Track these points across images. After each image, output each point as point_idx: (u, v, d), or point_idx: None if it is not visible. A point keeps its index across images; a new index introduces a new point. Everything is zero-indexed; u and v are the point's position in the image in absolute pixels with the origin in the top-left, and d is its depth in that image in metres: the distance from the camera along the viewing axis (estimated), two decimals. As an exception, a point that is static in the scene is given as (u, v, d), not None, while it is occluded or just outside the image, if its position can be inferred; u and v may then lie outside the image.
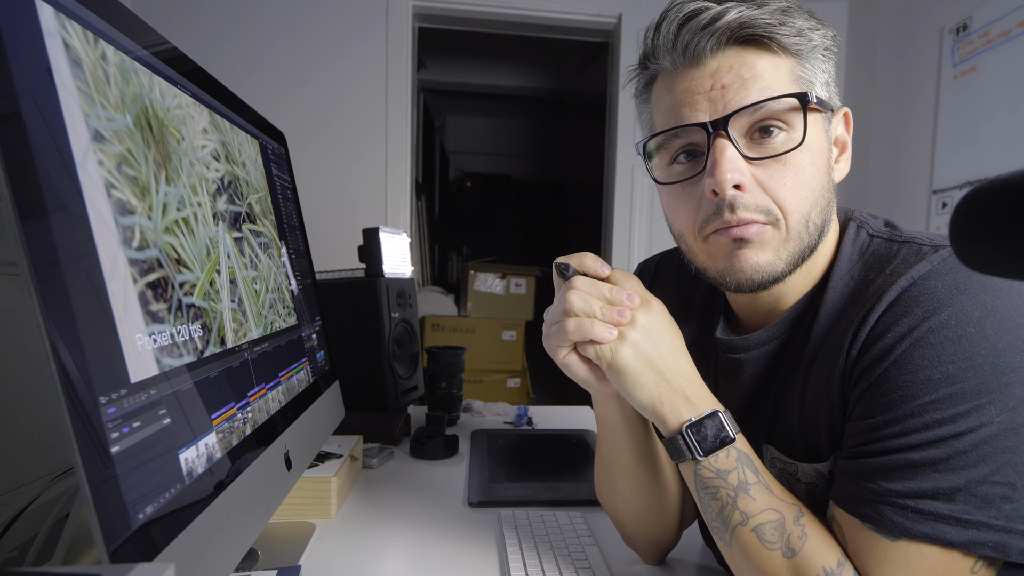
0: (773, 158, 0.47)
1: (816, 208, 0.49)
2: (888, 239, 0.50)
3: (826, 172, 0.50)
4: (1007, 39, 1.76)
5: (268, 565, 0.65)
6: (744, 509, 0.47)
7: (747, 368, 0.56)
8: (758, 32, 0.47)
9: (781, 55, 0.48)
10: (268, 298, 0.65)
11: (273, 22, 2.30)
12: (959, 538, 0.41)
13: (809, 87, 0.48)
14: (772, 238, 0.48)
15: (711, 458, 0.48)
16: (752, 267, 0.49)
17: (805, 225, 0.48)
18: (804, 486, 0.53)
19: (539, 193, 5.68)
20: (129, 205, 0.39)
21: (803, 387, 0.52)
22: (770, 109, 0.47)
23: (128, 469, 0.33)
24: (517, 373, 2.97)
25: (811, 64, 0.49)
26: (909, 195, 2.18)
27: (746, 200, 0.47)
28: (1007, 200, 0.20)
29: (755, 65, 0.47)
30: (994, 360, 0.41)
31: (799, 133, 0.47)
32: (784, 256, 0.49)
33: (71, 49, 0.36)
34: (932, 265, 0.44)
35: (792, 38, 0.47)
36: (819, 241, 0.51)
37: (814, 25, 0.49)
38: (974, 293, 0.42)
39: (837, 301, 0.50)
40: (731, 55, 0.47)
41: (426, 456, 1.05)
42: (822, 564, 0.45)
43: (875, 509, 0.44)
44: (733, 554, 0.49)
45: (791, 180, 0.47)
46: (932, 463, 0.42)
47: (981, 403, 0.41)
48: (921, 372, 0.42)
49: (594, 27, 2.55)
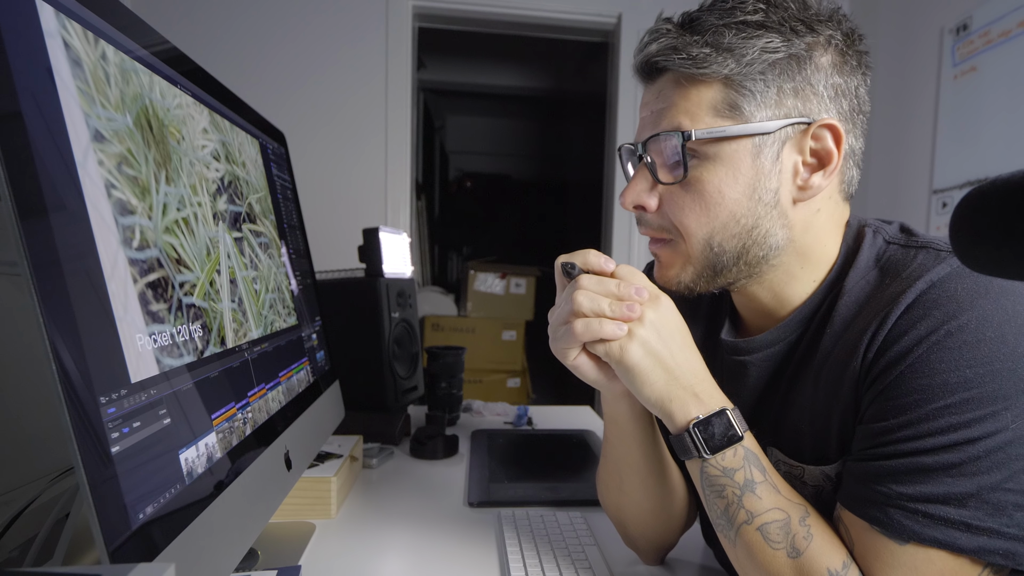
0: (678, 184, 0.50)
1: (722, 232, 0.50)
2: (905, 245, 0.50)
3: (746, 195, 0.49)
4: (1007, 39, 1.76)
5: (268, 565, 0.65)
6: (750, 508, 0.47)
7: (752, 370, 0.56)
8: (659, 65, 0.48)
9: (701, 85, 0.47)
10: (268, 298, 0.65)
11: (273, 22, 2.30)
12: (969, 544, 0.41)
13: (730, 112, 0.47)
14: (674, 257, 0.53)
15: (718, 456, 0.48)
16: (663, 279, 0.54)
17: (707, 246, 0.51)
18: (811, 489, 0.53)
19: (539, 193, 5.68)
20: (129, 205, 0.39)
21: (814, 389, 0.51)
22: (658, 144, 0.50)
23: (128, 469, 0.33)
24: (517, 373, 2.97)
25: (748, 86, 0.47)
26: (909, 195, 2.18)
27: (649, 219, 0.53)
28: (1007, 200, 0.20)
29: (672, 96, 0.49)
30: (1012, 366, 0.40)
31: (699, 162, 0.49)
32: (689, 272, 0.52)
33: (71, 49, 0.36)
34: (952, 268, 0.44)
35: (706, 67, 0.46)
36: (735, 259, 0.51)
37: (767, 42, 0.46)
38: (995, 297, 0.42)
39: (852, 305, 0.49)
40: (662, 82, 0.50)
41: (426, 456, 1.05)
42: (827, 565, 0.44)
43: (884, 512, 0.43)
44: (737, 553, 0.49)
45: (688, 205, 0.50)
46: (945, 468, 0.41)
47: (997, 409, 0.40)
48: (938, 376, 0.42)
49: (594, 27, 2.54)
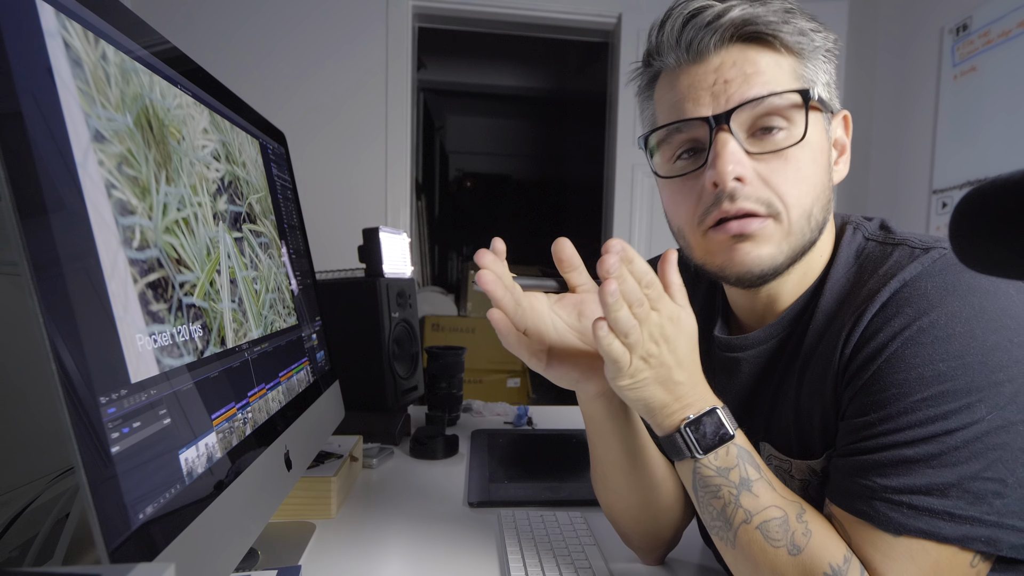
0: (774, 153, 0.48)
1: (817, 204, 0.50)
2: (882, 242, 0.51)
3: (826, 170, 0.51)
4: (1007, 39, 1.76)
5: (268, 565, 0.65)
6: (747, 507, 0.46)
7: (744, 367, 0.57)
8: (761, 29, 0.47)
9: (783, 53, 0.49)
10: (268, 298, 0.65)
11: (273, 22, 2.30)
12: (953, 533, 0.42)
13: (811, 86, 0.49)
14: (773, 232, 0.49)
15: (711, 456, 0.47)
16: (753, 260, 0.49)
17: (807, 219, 0.49)
18: (798, 483, 0.53)
19: (539, 193, 5.67)
20: (129, 205, 0.39)
21: (798, 385, 0.52)
22: (772, 104, 0.48)
23: (128, 469, 0.33)
24: (517, 373, 2.97)
25: (813, 64, 0.50)
26: (909, 195, 2.18)
27: (747, 191, 0.48)
28: (1007, 200, 0.20)
29: (758, 61, 0.48)
30: (983, 359, 0.42)
31: (800, 130, 0.48)
32: (785, 249, 0.50)
33: (71, 49, 0.36)
34: (923, 267, 0.45)
35: (795, 37, 0.48)
36: (819, 237, 0.51)
37: (816, 27, 0.50)
38: (962, 295, 0.43)
39: (832, 302, 0.51)
40: (734, 51, 0.48)
41: (426, 456, 1.05)
42: (828, 560, 0.44)
43: (871, 506, 0.44)
44: (736, 554, 0.48)
45: (792, 175, 0.48)
46: (925, 459, 0.42)
47: (972, 401, 0.42)
48: (913, 371, 0.43)
49: (594, 27, 2.55)
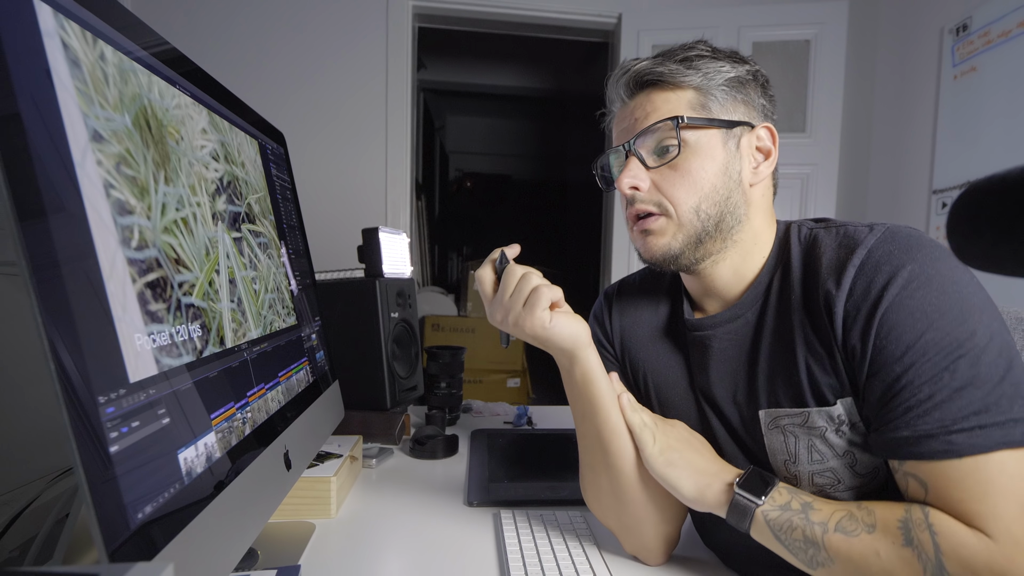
0: (666, 166, 0.63)
1: (706, 201, 0.62)
2: (825, 227, 0.62)
3: (720, 174, 0.63)
4: (1007, 39, 1.76)
5: (268, 565, 0.65)
6: (819, 520, 0.53)
7: (715, 343, 0.66)
8: (654, 77, 0.64)
9: (684, 89, 0.63)
10: (267, 298, 0.65)
11: (273, 22, 2.30)
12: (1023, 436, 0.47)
13: (703, 110, 0.63)
14: (666, 226, 0.63)
15: (769, 499, 0.56)
16: (653, 248, 0.64)
17: (695, 214, 0.62)
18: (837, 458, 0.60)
19: (539, 193, 5.68)
20: (128, 205, 0.39)
21: (783, 348, 0.60)
22: (656, 130, 0.63)
23: (127, 469, 0.33)
24: (517, 373, 2.97)
25: (714, 93, 0.63)
26: (909, 195, 2.19)
27: (642, 196, 0.64)
28: (1004, 198, 0.20)
29: (655, 100, 0.64)
30: (960, 289, 0.51)
31: (685, 148, 0.62)
32: (680, 238, 0.63)
33: (70, 49, 0.36)
34: (877, 238, 0.55)
35: (689, 77, 0.63)
36: (713, 226, 0.63)
37: (723, 64, 0.63)
38: (919, 251, 0.53)
39: (800, 278, 0.61)
40: (641, 96, 0.65)
41: (426, 456, 1.05)
42: (895, 517, 0.51)
43: (946, 442, 0.48)
44: (835, 567, 0.52)
45: (679, 181, 0.62)
46: (971, 381, 0.48)
47: (971, 320, 0.50)
48: (917, 312, 0.51)
49: (594, 27, 2.55)
